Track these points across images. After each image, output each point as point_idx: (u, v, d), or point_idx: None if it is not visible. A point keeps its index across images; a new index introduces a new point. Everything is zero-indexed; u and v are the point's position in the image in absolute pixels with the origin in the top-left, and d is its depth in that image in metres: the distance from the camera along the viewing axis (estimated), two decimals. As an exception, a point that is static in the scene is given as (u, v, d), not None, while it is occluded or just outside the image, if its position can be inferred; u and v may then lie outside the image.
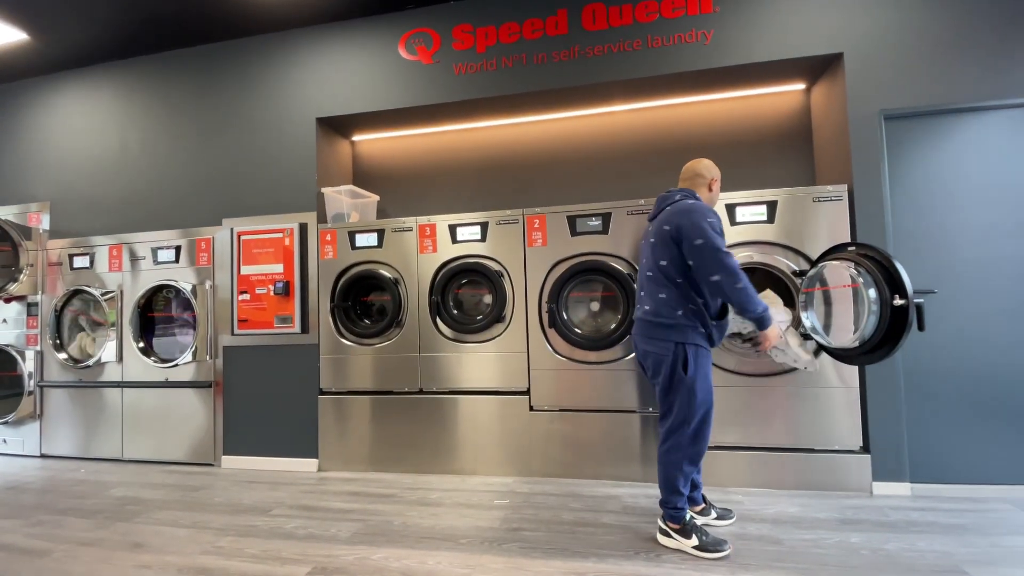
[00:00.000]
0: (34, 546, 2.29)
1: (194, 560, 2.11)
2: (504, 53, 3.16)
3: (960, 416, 2.60)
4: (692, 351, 2.05)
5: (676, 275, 2.07)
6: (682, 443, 2.07)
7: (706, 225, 1.99)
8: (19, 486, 3.14)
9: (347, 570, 1.99)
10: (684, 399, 2.05)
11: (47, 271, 3.81)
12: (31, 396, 3.73)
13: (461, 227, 3.09)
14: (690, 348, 2.04)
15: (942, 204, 2.67)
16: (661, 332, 2.09)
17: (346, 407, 3.23)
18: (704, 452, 2.12)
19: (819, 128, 3.10)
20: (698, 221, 2.00)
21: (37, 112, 4.01)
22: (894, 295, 2.04)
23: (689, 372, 2.03)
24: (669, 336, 2.07)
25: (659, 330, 2.09)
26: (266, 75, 3.52)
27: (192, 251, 3.52)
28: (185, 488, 3.01)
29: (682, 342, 2.05)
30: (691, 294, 2.06)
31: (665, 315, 2.08)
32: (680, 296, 2.07)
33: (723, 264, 1.95)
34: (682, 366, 2.04)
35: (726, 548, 2.00)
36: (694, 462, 2.10)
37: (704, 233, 1.98)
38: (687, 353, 2.04)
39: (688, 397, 2.05)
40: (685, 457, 2.08)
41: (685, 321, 2.05)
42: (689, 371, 2.03)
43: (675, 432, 2.09)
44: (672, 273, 2.07)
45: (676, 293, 2.07)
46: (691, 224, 2.01)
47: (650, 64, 2.97)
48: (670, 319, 2.07)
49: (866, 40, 2.73)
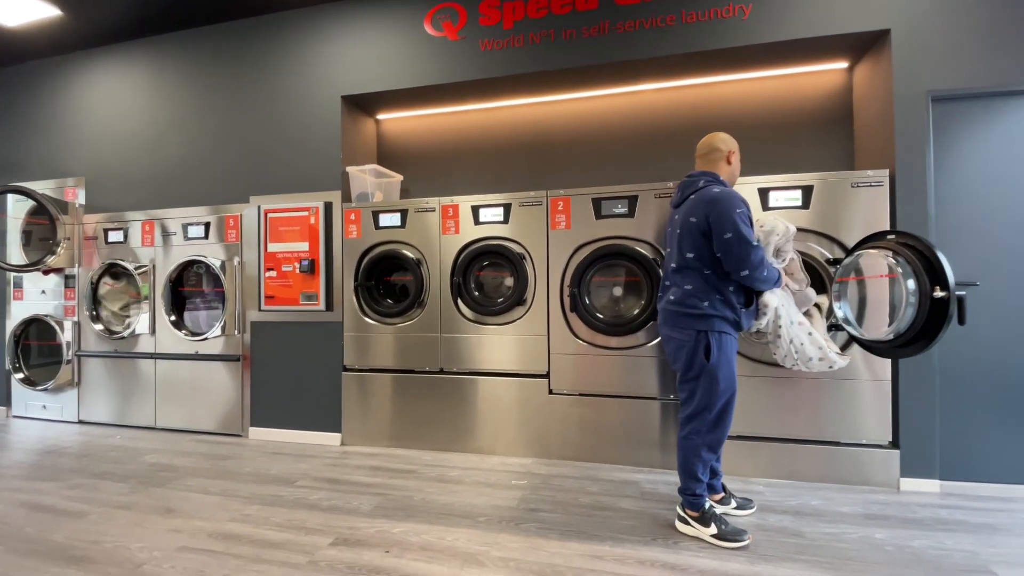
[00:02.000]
0: (72, 508, 2.41)
1: (223, 526, 2.20)
2: (531, 29, 3.08)
3: (995, 414, 2.51)
4: (716, 338, 2.01)
5: (704, 267, 2.03)
6: (702, 429, 2.05)
7: (736, 217, 1.93)
8: (58, 450, 3.29)
9: (368, 542, 2.04)
10: (706, 385, 2.02)
11: (83, 245, 3.93)
12: (69, 365, 3.89)
13: (484, 208, 3.07)
14: (714, 336, 2.01)
15: (988, 192, 2.54)
16: (686, 321, 2.05)
17: (369, 384, 3.28)
18: (724, 439, 2.10)
19: (861, 109, 2.95)
20: (728, 212, 1.94)
21: (72, 88, 4.09)
22: (934, 287, 1.95)
23: (712, 359, 2.00)
24: (694, 325, 2.03)
25: (684, 319, 2.06)
26: (293, 52, 3.51)
27: (221, 228, 3.58)
28: (214, 457, 3.12)
29: (706, 330, 2.01)
30: (719, 284, 2.02)
31: (691, 305, 2.04)
32: (707, 287, 2.02)
33: (753, 259, 1.93)
34: (704, 353, 2.01)
35: (745, 538, 1.98)
36: (713, 449, 2.08)
37: (736, 227, 1.92)
38: (710, 340, 2.00)
39: (711, 384, 2.02)
40: (704, 443, 2.05)
41: (712, 311, 2.01)
42: (712, 358, 2.00)
43: (695, 418, 2.07)
44: (699, 264, 2.03)
45: (703, 284, 2.03)
46: (719, 216, 1.95)
47: (684, 40, 2.86)
48: (696, 309, 2.03)
49: (915, 16, 2.58)
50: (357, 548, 1.99)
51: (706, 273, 2.03)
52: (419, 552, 1.96)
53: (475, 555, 1.94)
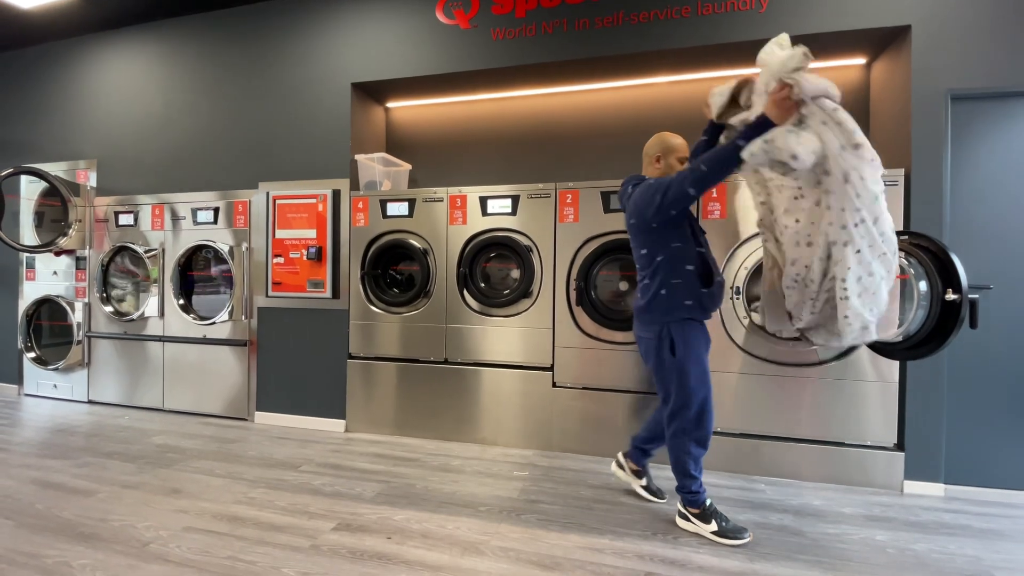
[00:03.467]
0: (81, 486, 2.45)
1: (227, 508, 2.23)
2: (544, 18, 3.04)
3: (1003, 419, 2.48)
4: (679, 329, 1.99)
5: (657, 255, 2.02)
6: (687, 427, 2.05)
7: (648, 190, 1.98)
8: (68, 429, 3.35)
9: (370, 528, 2.06)
10: (679, 382, 2.02)
11: (94, 227, 3.97)
12: (80, 345, 3.95)
13: (492, 199, 3.05)
14: (676, 327, 1.99)
15: (1004, 194, 2.49)
16: (651, 317, 2.06)
17: (373, 372, 3.30)
18: (711, 434, 2.07)
19: (877, 107, 2.90)
20: (643, 194, 2.00)
21: (86, 70, 4.10)
22: (947, 289, 1.93)
23: (678, 354, 1.99)
24: (659, 319, 2.03)
25: (649, 315, 2.06)
26: (304, 38, 3.50)
27: (230, 213, 3.60)
28: (221, 440, 3.16)
29: (668, 322, 2.00)
30: (675, 267, 2.00)
31: (653, 297, 2.04)
32: (663, 275, 2.01)
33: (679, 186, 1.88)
34: (670, 349, 2.00)
35: (746, 536, 1.98)
36: (702, 444, 2.07)
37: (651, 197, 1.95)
38: (673, 334, 1.99)
39: (680, 380, 2.01)
40: (691, 440, 2.05)
41: (670, 298, 2.00)
42: (678, 352, 1.99)
43: (676, 416, 2.07)
44: (650, 254, 2.04)
45: (659, 274, 2.02)
46: (641, 202, 2.00)
47: (700, 33, 2.81)
48: (655, 299, 2.03)
49: (936, 13, 2.52)
50: (359, 534, 2.02)
51: (659, 260, 2.02)
52: (420, 539, 1.98)
53: (475, 544, 1.95)
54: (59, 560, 1.81)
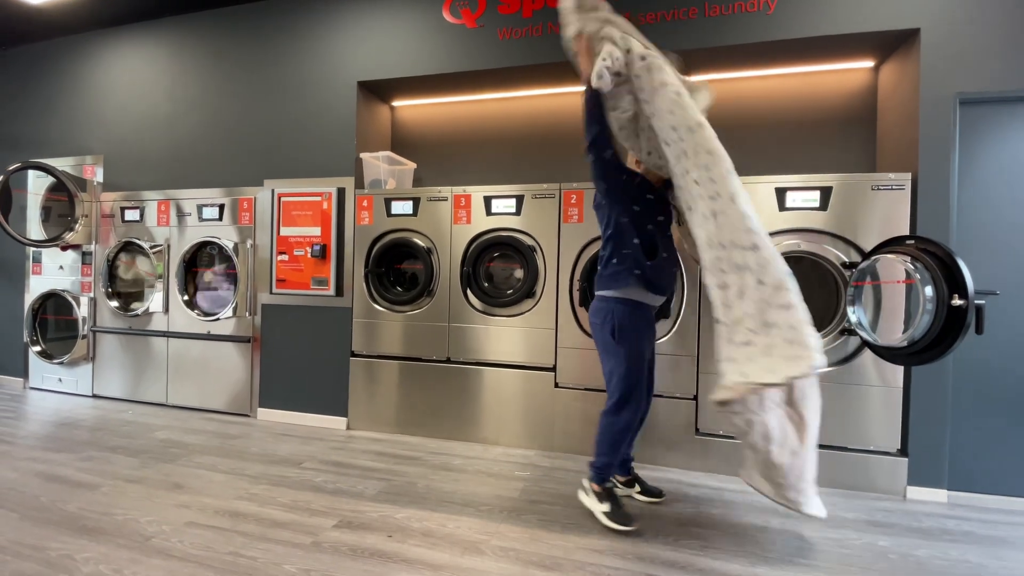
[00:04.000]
0: (84, 479, 2.46)
1: (230, 504, 2.24)
2: (551, 18, 3.03)
3: (1009, 425, 2.47)
4: (622, 309, 2.06)
5: (608, 229, 2.12)
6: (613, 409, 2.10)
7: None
8: (72, 423, 3.37)
9: (371, 526, 2.06)
10: (613, 365, 2.09)
11: (100, 222, 3.99)
12: (85, 340, 3.97)
13: (496, 199, 3.05)
14: (619, 306, 2.06)
15: (1013, 200, 2.47)
16: (600, 296, 2.13)
17: (376, 370, 3.31)
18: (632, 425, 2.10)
19: (885, 110, 2.89)
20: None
21: (92, 67, 4.12)
22: (953, 294, 1.92)
23: (617, 338, 2.06)
24: (604, 294, 2.11)
25: (600, 282, 2.14)
26: (310, 35, 3.51)
27: (235, 210, 3.61)
28: (223, 436, 3.17)
29: (612, 297, 2.07)
30: (622, 237, 2.07)
31: (604, 272, 2.12)
32: (614, 245, 2.10)
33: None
34: (611, 331, 2.07)
35: (633, 524, 2.04)
36: (624, 430, 2.10)
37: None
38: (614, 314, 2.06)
39: (618, 360, 2.07)
40: (614, 422, 2.10)
41: (619, 266, 2.07)
42: (617, 336, 2.06)
43: (610, 397, 2.12)
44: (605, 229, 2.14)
45: (610, 245, 2.11)
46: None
47: (706, 34, 2.80)
48: (607, 269, 2.11)
49: (946, 16, 2.50)
50: (360, 531, 2.02)
51: (609, 233, 2.11)
52: (421, 538, 1.98)
53: (476, 543, 1.95)
54: (62, 553, 1.83)
